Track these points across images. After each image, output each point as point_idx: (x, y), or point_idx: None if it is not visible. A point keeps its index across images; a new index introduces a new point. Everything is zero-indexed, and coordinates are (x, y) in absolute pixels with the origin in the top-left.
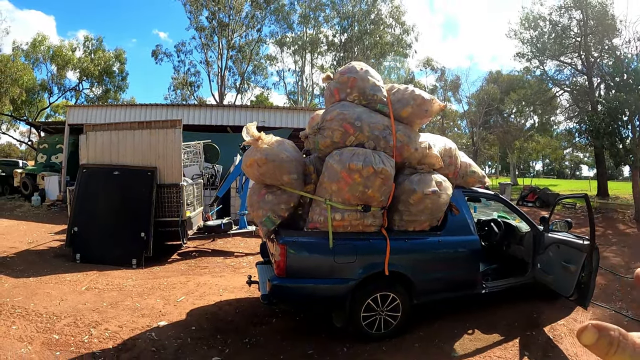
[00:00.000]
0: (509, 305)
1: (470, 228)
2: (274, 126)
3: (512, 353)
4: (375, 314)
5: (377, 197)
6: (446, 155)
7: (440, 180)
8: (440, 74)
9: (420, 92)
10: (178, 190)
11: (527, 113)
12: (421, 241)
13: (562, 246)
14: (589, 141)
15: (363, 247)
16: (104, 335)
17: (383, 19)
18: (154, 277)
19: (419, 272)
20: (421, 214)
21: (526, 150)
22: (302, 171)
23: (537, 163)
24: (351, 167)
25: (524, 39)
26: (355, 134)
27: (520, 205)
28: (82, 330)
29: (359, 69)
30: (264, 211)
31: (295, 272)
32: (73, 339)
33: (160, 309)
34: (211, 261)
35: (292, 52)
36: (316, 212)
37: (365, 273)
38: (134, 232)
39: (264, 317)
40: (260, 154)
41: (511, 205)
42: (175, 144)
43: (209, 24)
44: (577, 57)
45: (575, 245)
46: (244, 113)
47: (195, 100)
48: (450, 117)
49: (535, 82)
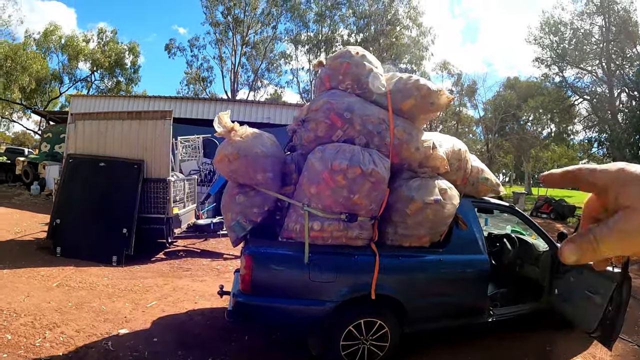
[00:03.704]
0: (517, 334)
1: (479, 246)
2: (279, 123)
3: None
4: (358, 343)
5: (365, 204)
6: (454, 158)
7: (445, 188)
8: (457, 78)
9: (425, 82)
10: (165, 186)
11: (545, 121)
12: (418, 259)
13: (587, 272)
14: (608, 152)
15: (346, 263)
16: (57, 340)
17: (400, 20)
18: (131, 277)
19: (414, 296)
20: (420, 226)
21: (542, 160)
22: (281, 170)
23: None
24: (334, 166)
25: (544, 44)
26: (344, 128)
27: (534, 217)
28: (38, 331)
29: (354, 52)
30: (234, 214)
31: (263, 288)
32: (25, 340)
33: (126, 314)
34: (196, 263)
35: (306, 50)
36: (292, 218)
37: (346, 295)
38: (116, 228)
39: (236, 333)
40: (231, 148)
41: (527, 218)
42: (165, 136)
43: (224, 20)
44: (597, 64)
45: (604, 273)
46: (254, 108)
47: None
48: (465, 122)
49: (554, 90)
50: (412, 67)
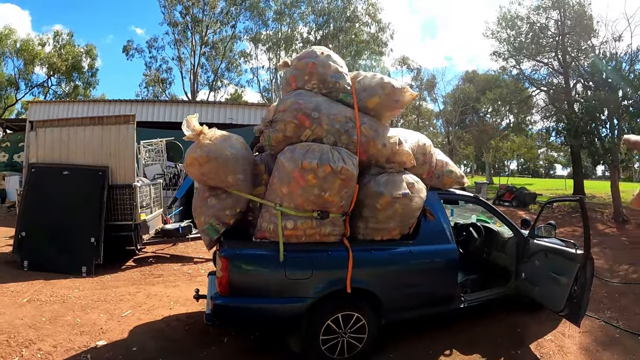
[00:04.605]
0: (489, 318)
1: (447, 235)
2: (242, 124)
3: None
4: (337, 336)
5: (337, 201)
6: (420, 152)
7: (412, 182)
8: (417, 73)
9: (389, 80)
10: (131, 192)
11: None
12: (390, 252)
13: (551, 255)
14: (566, 140)
15: (320, 260)
16: (35, 357)
17: (359, 17)
18: (102, 288)
19: (388, 287)
20: (390, 220)
21: (501, 150)
22: (251, 171)
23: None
24: (304, 165)
25: (501, 38)
26: (312, 127)
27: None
28: (14, 350)
29: (319, 53)
30: (207, 217)
31: (241, 289)
32: None
33: (102, 326)
34: (167, 268)
35: (266, 49)
36: (265, 219)
37: (323, 290)
38: (84, 238)
39: (215, 336)
40: (201, 151)
41: (492, 207)
42: (129, 141)
43: (182, 20)
44: (553, 57)
45: (567, 255)
46: (216, 110)
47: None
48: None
49: (512, 82)
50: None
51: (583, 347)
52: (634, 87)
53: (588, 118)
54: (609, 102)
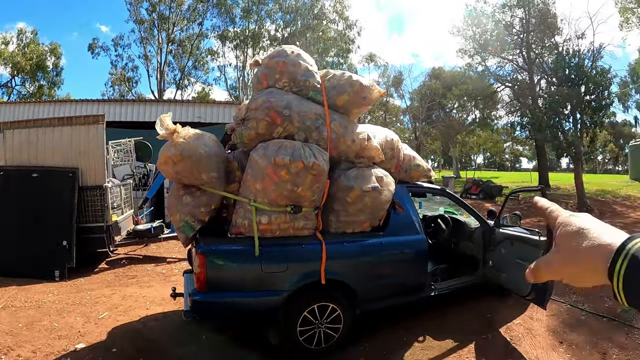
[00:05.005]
0: (460, 305)
1: (415, 226)
2: (210, 122)
3: None
4: (314, 327)
5: (309, 196)
6: (388, 147)
7: (381, 175)
8: (384, 69)
9: (358, 78)
10: (102, 193)
11: (469, 108)
12: (361, 244)
13: (516, 242)
14: (530, 134)
15: (295, 253)
16: None
17: (326, 14)
18: (77, 291)
19: (361, 278)
20: (360, 213)
21: (468, 144)
22: (225, 168)
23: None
24: (277, 162)
25: (467, 35)
26: (284, 125)
27: (464, 198)
28: None
29: (289, 52)
30: (182, 215)
31: (218, 284)
32: None
33: (80, 329)
34: (141, 269)
35: (233, 46)
36: (240, 214)
37: (299, 283)
38: (56, 241)
39: (193, 334)
40: (175, 150)
41: (458, 199)
42: (98, 141)
43: (149, 17)
44: (518, 54)
45: (531, 242)
46: (184, 108)
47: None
48: (392, 112)
49: (477, 78)
50: (339, 60)
51: (551, 329)
52: (596, 82)
53: (551, 113)
54: (571, 97)
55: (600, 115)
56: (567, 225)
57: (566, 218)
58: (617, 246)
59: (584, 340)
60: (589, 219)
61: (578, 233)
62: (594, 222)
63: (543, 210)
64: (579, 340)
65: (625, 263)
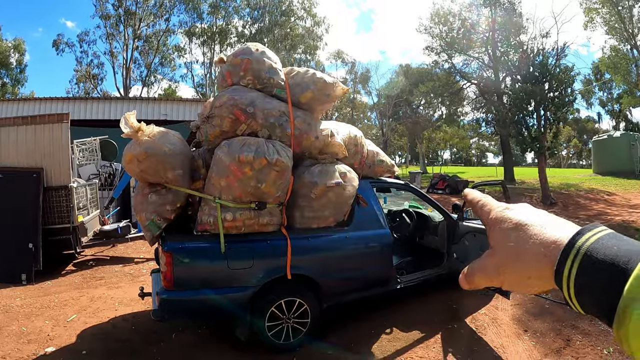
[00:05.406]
0: (426, 298)
1: (380, 221)
2: (177, 119)
3: (435, 351)
4: (282, 322)
5: (273, 192)
6: (351, 143)
7: (344, 171)
8: (351, 66)
9: (321, 75)
10: (68, 193)
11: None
12: (326, 239)
13: (479, 235)
14: (495, 130)
15: (260, 249)
16: None
17: (294, 10)
18: (45, 294)
19: (326, 273)
20: (325, 208)
21: (435, 140)
22: (189, 166)
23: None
24: (241, 159)
25: (434, 33)
26: (247, 122)
27: (431, 193)
28: None
29: (254, 49)
30: (148, 213)
31: (185, 282)
32: None
33: (49, 332)
34: (108, 270)
35: (201, 42)
36: (205, 212)
37: (265, 279)
38: (21, 244)
39: (163, 333)
40: (140, 148)
41: (422, 194)
42: (63, 140)
43: (115, 12)
44: (484, 52)
45: None
46: (150, 106)
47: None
48: (360, 108)
49: (444, 75)
50: (307, 57)
51: (515, 318)
52: (559, 80)
53: (516, 109)
54: (535, 94)
55: (563, 111)
56: (502, 221)
57: (500, 212)
58: (565, 243)
59: (548, 327)
60: (529, 211)
61: (516, 230)
62: (534, 215)
63: (474, 204)
64: (544, 327)
65: (575, 264)
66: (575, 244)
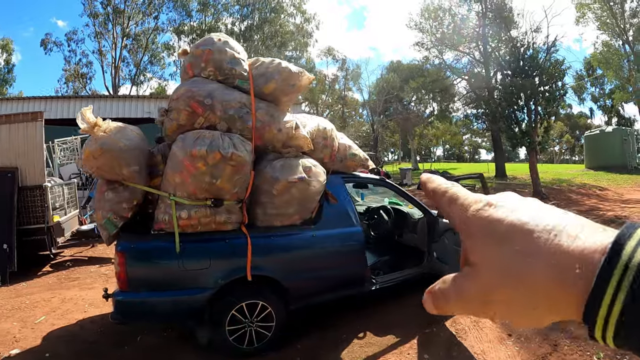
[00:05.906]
0: (404, 299)
1: (351, 218)
2: None
3: (409, 357)
4: (244, 326)
5: (229, 188)
6: (320, 136)
7: (309, 166)
8: (342, 63)
9: (287, 65)
10: (42, 193)
11: (427, 100)
12: (291, 237)
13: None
14: (486, 125)
15: (218, 249)
16: None
17: (284, 7)
18: (17, 295)
19: (292, 273)
20: (288, 205)
21: (426, 137)
22: (147, 162)
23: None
24: (193, 153)
25: (424, 29)
26: (205, 114)
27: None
28: None
29: (216, 40)
30: (104, 212)
31: (140, 284)
32: None
33: (16, 334)
34: (84, 271)
35: (190, 40)
36: (161, 209)
37: (223, 280)
38: None
39: (129, 336)
40: (95, 144)
41: (399, 189)
42: (37, 139)
43: (103, 10)
44: (475, 47)
45: None
46: (135, 104)
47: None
48: (351, 105)
49: (434, 71)
50: (297, 53)
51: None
52: (550, 74)
53: (506, 104)
54: (525, 88)
55: (554, 105)
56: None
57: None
58: (602, 259)
59: (534, 331)
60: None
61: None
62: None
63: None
64: (529, 331)
65: (624, 288)
66: (622, 253)
